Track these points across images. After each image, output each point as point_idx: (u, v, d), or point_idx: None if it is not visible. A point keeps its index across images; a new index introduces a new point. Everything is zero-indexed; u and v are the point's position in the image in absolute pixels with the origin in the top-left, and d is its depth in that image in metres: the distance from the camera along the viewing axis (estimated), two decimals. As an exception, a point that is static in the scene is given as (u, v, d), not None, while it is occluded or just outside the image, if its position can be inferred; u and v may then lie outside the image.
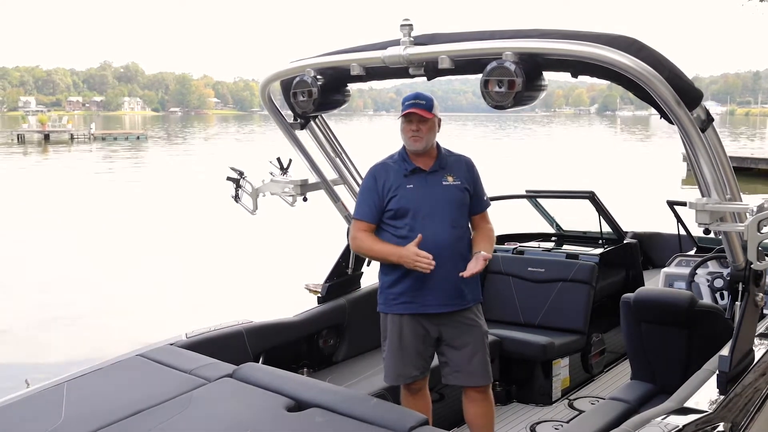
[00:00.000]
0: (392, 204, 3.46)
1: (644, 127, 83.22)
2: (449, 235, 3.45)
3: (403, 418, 2.69)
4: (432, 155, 3.53)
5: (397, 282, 3.51)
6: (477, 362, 3.56)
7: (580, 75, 3.01)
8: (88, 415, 2.88)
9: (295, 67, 3.68)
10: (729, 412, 2.92)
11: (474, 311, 3.59)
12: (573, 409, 4.77)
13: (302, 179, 4.37)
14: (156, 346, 3.62)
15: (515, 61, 2.83)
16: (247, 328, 4.10)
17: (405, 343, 3.54)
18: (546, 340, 4.80)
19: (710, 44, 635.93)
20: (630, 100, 46.03)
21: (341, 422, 2.71)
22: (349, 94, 3.83)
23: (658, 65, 2.72)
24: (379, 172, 3.53)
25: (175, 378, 3.20)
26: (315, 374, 4.49)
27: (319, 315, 4.57)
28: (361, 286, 4.89)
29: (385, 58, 3.24)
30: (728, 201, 2.91)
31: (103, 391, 3.15)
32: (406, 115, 3.41)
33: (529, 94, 2.92)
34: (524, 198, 6.37)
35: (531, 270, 5.33)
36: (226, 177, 4.42)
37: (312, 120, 4.23)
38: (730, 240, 3.17)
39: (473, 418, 3.67)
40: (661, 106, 2.78)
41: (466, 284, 3.52)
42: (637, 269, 5.69)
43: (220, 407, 2.90)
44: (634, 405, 3.61)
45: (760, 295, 3.17)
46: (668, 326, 3.85)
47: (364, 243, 3.49)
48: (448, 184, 3.50)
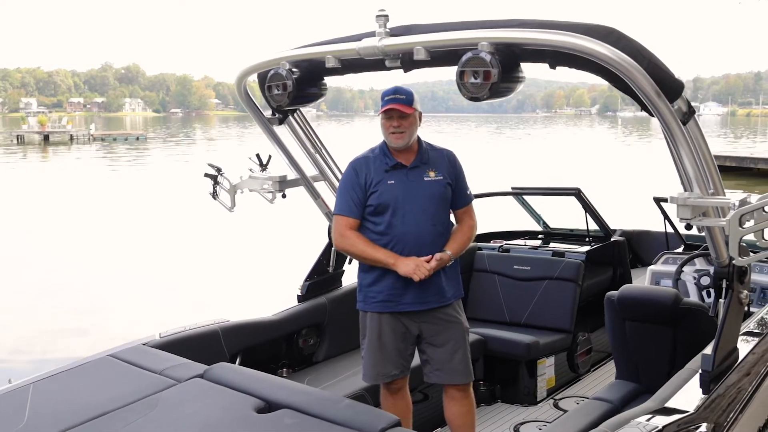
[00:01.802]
0: (372, 200, 3.41)
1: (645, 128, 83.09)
2: (429, 232, 3.40)
3: (375, 419, 2.61)
4: (413, 150, 3.46)
5: (377, 280, 3.45)
6: (458, 360, 3.50)
7: (558, 66, 2.92)
8: (51, 417, 2.80)
9: (270, 60, 3.59)
10: (712, 412, 2.85)
11: (455, 307, 3.53)
12: (558, 409, 4.70)
13: (281, 175, 4.29)
14: (127, 346, 3.55)
15: (491, 52, 2.75)
16: (223, 328, 4.02)
17: (384, 342, 3.48)
18: (531, 339, 4.73)
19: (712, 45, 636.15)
20: (631, 101, 46.38)
21: (311, 424, 2.63)
22: (326, 88, 3.75)
23: (637, 55, 2.64)
24: (360, 165, 3.47)
25: (145, 379, 3.12)
26: (294, 374, 4.41)
27: (299, 314, 4.49)
28: (342, 285, 4.81)
29: (360, 50, 3.16)
30: (711, 196, 2.83)
31: (70, 392, 3.07)
32: (386, 111, 3.34)
33: (506, 85, 2.83)
34: (510, 195, 6.30)
35: (517, 268, 5.26)
36: (204, 173, 4.35)
37: (290, 115, 4.15)
38: (713, 235, 3.09)
39: (454, 418, 3.61)
40: (641, 98, 2.70)
41: (446, 281, 3.47)
42: (625, 267, 5.62)
43: (188, 408, 2.83)
44: (617, 405, 3.54)
45: (744, 293, 3.10)
46: (653, 324, 3.78)
47: (356, 245, 3.41)
48: (430, 179, 3.44)
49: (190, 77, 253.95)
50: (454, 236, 3.50)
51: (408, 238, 3.37)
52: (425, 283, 3.36)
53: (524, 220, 6.67)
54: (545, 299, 5.11)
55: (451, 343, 3.49)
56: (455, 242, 3.47)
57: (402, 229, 3.37)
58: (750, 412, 3.15)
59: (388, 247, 3.38)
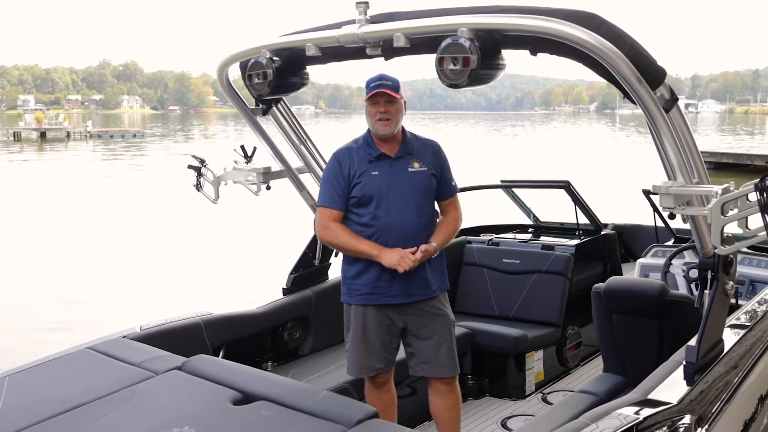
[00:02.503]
0: (356, 191, 3.36)
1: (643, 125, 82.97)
2: (414, 224, 3.36)
3: (351, 411, 2.59)
4: (397, 140, 3.42)
5: (361, 272, 3.41)
6: (444, 353, 3.47)
7: (539, 53, 2.88)
8: (25, 409, 2.77)
9: (250, 49, 3.55)
10: (696, 403, 2.81)
11: (440, 300, 3.50)
12: (546, 403, 4.67)
13: (265, 167, 4.24)
14: (107, 339, 3.50)
15: (470, 38, 2.71)
16: (206, 320, 3.98)
17: (369, 335, 3.44)
18: (519, 333, 4.69)
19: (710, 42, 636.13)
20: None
21: (287, 415, 2.60)
22: (308, 77, 3.70)
23: (618, 41, 2.59)
24: (343, 156, 3.42)
25: (122, 371, 3.08)
26: (279, 368, 4.37)
27: (284, 307, 4.45)
28: (328, 278, 4.77)
29: (340, 38, 3.12)
30: (694, 185, 2.79)
31: (46, 384, 3.03)
32: (372, 97, 3.30)
33: (486, 72, 2.79)
34: (500, 188, 6.26)
35: (506, 261, 5.23)
36: (187, 165, 4.30)
37: (274, 106, 4.10)
38: (697, 225, 3.05)
39: (439, 412, 3.57)
40: (623, 85, 2.66)
41: (431, 273, 3.43)
42: (615, 261, 5.58)
43: (164, 400, 2.79)
44: (602, 398, 3.51)
45: (729, 284, 3.06)
46: (639, 317, 3.75)
47: (340, 237, 3.36)
48: (414, 170, 3.40)
49: (188, 74, 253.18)
50: (439, 228, 3.46)
51: (392, 229, 3.33)
52: (410, 276, 3.32)
53: (515, 213, 6.63)
54: (534, 293, 5.08)
55: (437, 336, 3.45)
56: (440, 234, 3.43)
57: (386, 221, 3.33)
58: (736, 403, 3.12)
59: (373, 238, 3.34)
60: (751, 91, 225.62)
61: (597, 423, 2.49)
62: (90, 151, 41.53)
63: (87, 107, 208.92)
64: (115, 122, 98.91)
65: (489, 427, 4.34)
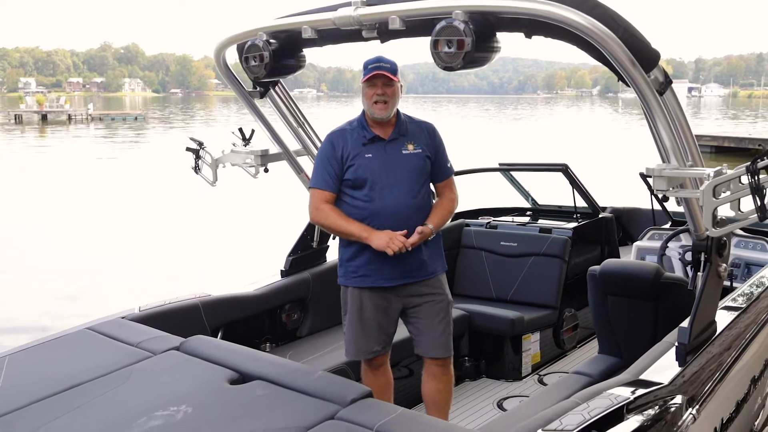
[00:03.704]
0: (350, 173, 3.37)
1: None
2: (408, 206, 3.36)
3: (345, 390, 2.61)
4: (392, 123, 3.42)
5: (356, 255, 3.43)
6: (437, 333, 3.48)
7: (534, 35, 2.89)
8: (24, 388, 2.80)
9: (247, 31, 3.55)
10: (688, 384, 2.84)
11: (438, 281, 3.51)
12: (542, 384, 4.70)
13: (263, 150, 4.25)
14: (106, 319, 3.54)
15: (465, 20, 2.71)
16: (204, 302, 4.01)
17: (366, 317, 3.46)
18: (515, 315, 4.72)
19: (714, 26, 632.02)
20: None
21: (282, 395, 2.63)
22: (305, 60, 3.70)
23: (612, 23, 2.59)
24: (336, 138, 3.43)
25: (120, 351, 3.11)
26: (277, 349, 4.41)
27: (282, 289, 4.48)
28: (326, 260, 4.79)
29: (336, 20, 3.12)
30: (688, 167, 2.80)
31: (45, 364, 3.06)
32: (370, 79, 3.28)
33: (481, 55, 2.80)
34: (497, 171, 6.26)
35: (503, 244, 5.25)
36: (186, 147, 4.31)
37: (271, 88, 4.10)
38: (691, 208, 3.07)
39: (430, 394, 3.60)
40: (616, 67, 2.67)
41: (428, 254, 3.44)
42: (613, 244, 5.60)
43: (161, 380, 2.82)
44: (596, 379, 3.54)
45: (723, 266, 3.08)
46: (634, 299, 3.77)
47: (329, 218, 3.38)
48: (408, 152, 3.40)
49: (189, 57, 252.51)
50: (435, 209, 3.47)
51: (386, 212, 3.33)
52: (405, 257, 3.33)
53: (513, 197, 6.64)
54: (531, 275, 5.10)
55: (433, 317, 3.47)
56: (436, 215, 3.44)
57: (380, 203, 3.34)
58: (728, 384, 3.15)
59: (366, 221, 3.34)
60: (754, 74, 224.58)
61: (588, 403, 2.51)
62: (92, 133, 41.45)
63: (88, 90, 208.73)
64: (116, 105, 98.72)
65: (485, 407, 4.38)
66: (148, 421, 2.46)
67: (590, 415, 2.39)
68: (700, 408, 2.82)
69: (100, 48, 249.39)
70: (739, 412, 3.30)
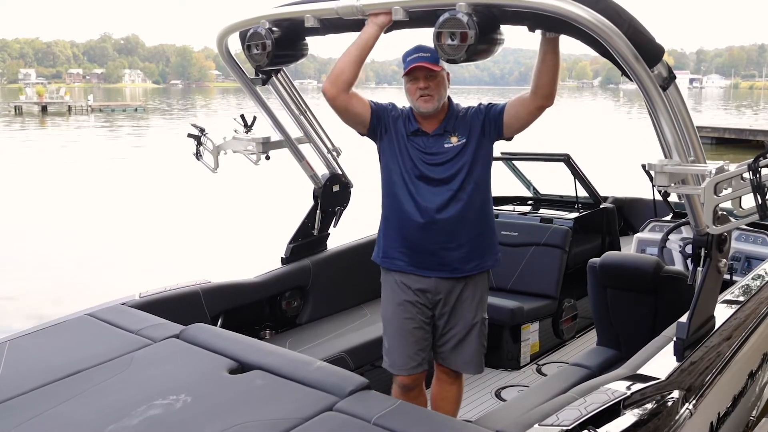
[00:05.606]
0: (389, 163, 3.24)
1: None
2: (445, 204, 3.19)
3: (344, 381, 2.61)
4: (439, 118, 3.20)
5: (387, 234, 3.30)
6: (466, 348, 3.36)
7: (537, 29, 2.88)
8: (24, 374, 2.80)
9: (250, 19, 3.54)
10: (685, 378, 2.84)
11: (476, 283, 3.35)
12: (541, 374, 4.71)
13: (264, 137, 4.25)
14: (106, 305, 3.54)
15: (468, 13, 2.69)
16: (204, 289, 4.01)
17: (397, 300, 3.27)
18: (514, 305, 4.72)
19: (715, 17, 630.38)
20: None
21: (281, 385, 2.63)
22: (307, 48, 3.69)
23: (617, 18, 2.57)
24: (395, 113, 3.25)
25: (120, 338, 3.12)
26: (277, 336, 4.42)
27: (283, 276, 4.48)
28: (327, 248, 4.80)
29: (339, 9, 3.10)
30: (690, 163, 2.79)
31: (45, 350, 3.07)
32: (410, 72, 3.11)
33: (484, 47, 2.78)
34: (499, 160, 6.25)
35: (504, 234, 5.23)
36: (187, 134, 4.31)
37: (274, 76, 4.10)
38: (692, 203, 3.06)
39: (437, 399, 3.51)
40: (620, 62, 2.66)
41: (474, 249, 3.28)
42: (614, 235, 5.60)
43: (161, 368, 2.82)
44: (594, 371, 3.55)
45: (723, 261, 3.07)
46: (634, 292, 3.77)
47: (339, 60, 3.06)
48: (451, 145, 3.18)
49: (189, 48, 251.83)
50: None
51: (423, 209, 3.18)
52: (442, 254, 3.19)
53: (515, 186, 6.63)
54: (532, 265, 5.10)
55: (462, 324, 3.35)
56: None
57: (419, 200, 3.19)
58: (725, 378, 3.15)
59: (402, 221, 3.21)
60: (756, 66, 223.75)
61: (585, 397, 2.50)
62: (91, 124, 41.39)
63: (88, 81, 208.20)
64: (116, 96, 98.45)
65: (483, 397, 4.39)
66: (147, 409, 2.46)
67: (587, 410, 2.38)
68: (696, 402, 2.82)
69: (100, 39, 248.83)
70: (735, 406, 3.31)
